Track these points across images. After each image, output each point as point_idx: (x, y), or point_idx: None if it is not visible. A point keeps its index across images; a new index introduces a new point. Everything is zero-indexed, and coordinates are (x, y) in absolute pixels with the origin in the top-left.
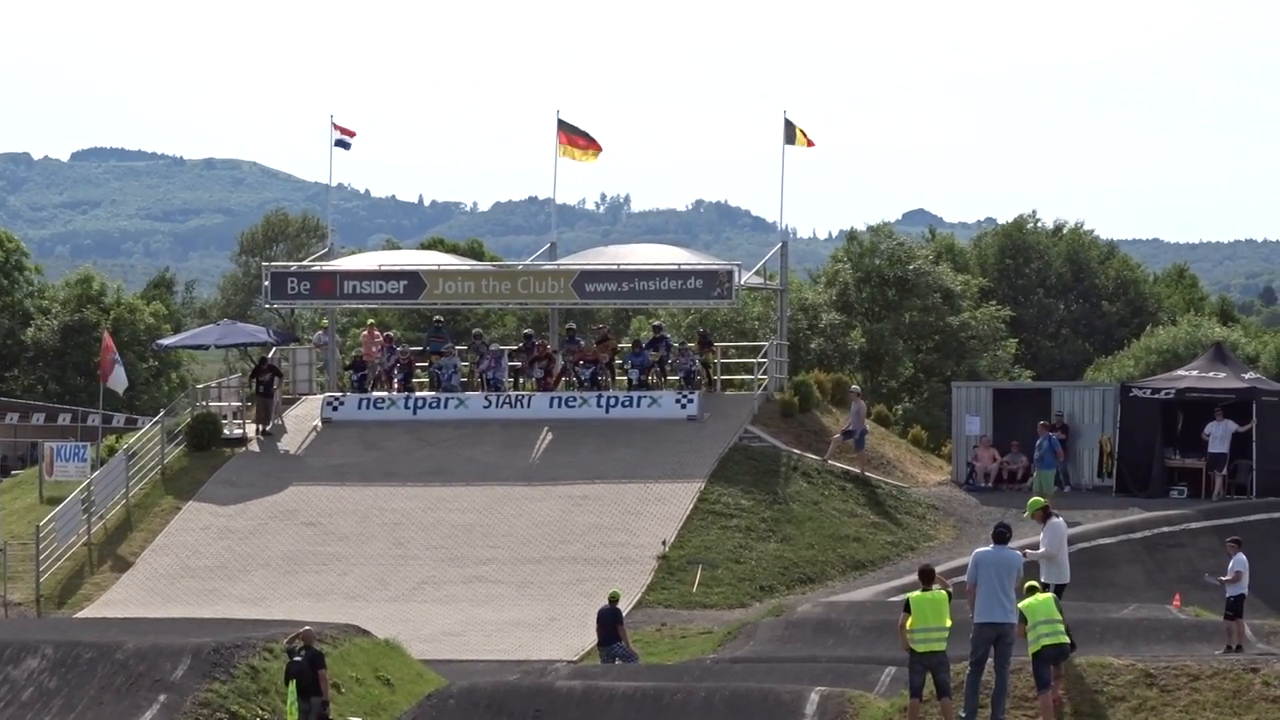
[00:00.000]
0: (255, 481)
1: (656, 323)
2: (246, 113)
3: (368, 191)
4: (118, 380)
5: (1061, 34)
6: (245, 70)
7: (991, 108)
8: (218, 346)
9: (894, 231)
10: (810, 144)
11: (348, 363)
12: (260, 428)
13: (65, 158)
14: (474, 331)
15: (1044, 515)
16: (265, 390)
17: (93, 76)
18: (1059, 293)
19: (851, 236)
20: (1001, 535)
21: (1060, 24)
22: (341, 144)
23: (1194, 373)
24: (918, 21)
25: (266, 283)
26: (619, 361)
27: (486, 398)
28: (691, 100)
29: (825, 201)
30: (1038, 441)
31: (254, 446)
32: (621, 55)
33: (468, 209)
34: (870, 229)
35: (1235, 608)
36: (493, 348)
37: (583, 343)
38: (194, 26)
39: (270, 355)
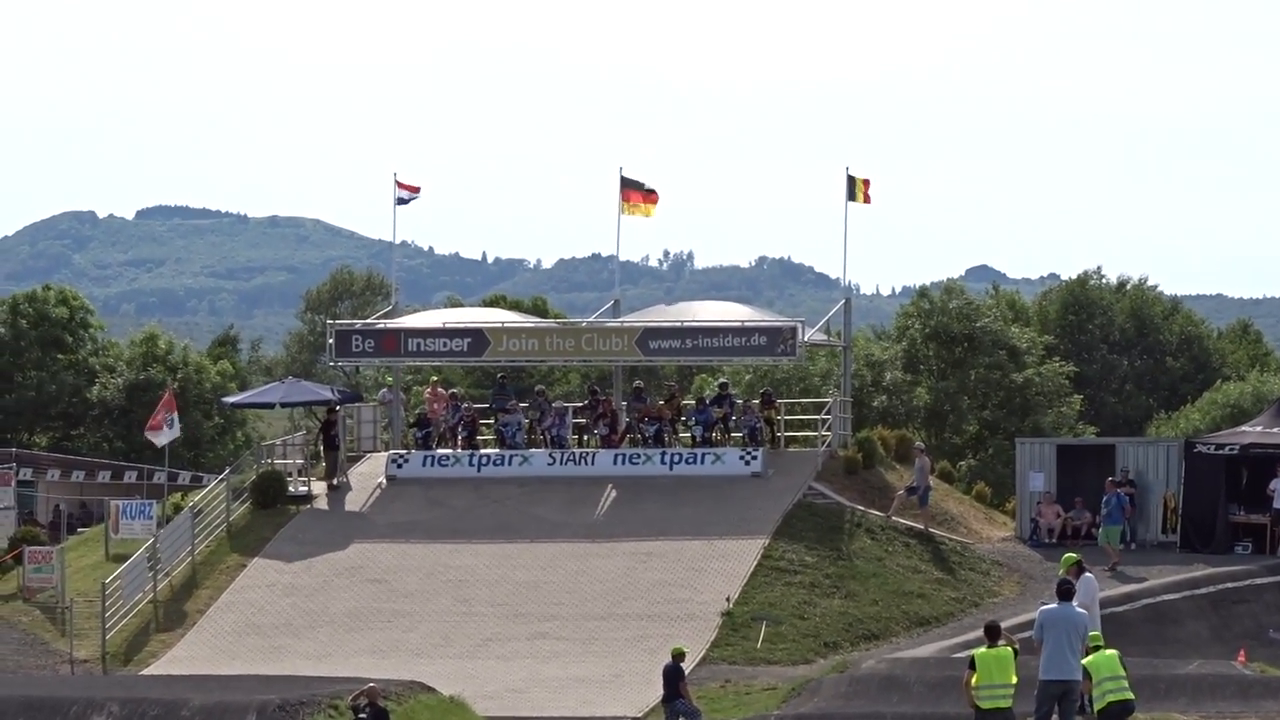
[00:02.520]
0: (320, 539)
1: (721, 379)
2: (310, 170)
3: (431, 249)
4: (163, 434)
5: (1124, 89)
6: (309, 127)
7: (1055, 163)
8: (283, 405)
9: (964, 289)
10: (868, 200)
11: (412, 420)
12: (327, 483)
13: (130, 215)
14: (537, 389)
15: (1078, 571)
16: (331, 443)
17: (158, 134)
18: (1123, 348)
19: (922, 293)
20: (1066, 592)
21: (1124, 79)
22: (402, 200)
23: (1258, 428)
24: (982, 76)
25: (331, 340)
26: (683, 418)
27: (551, 455)
28: (754, 156)
29: (888, 257)
30: (1105, 498)
31: (319, 504)
32: (684, 112)
33: (531, 266)
34: (941, 286)
35: None
36: (556, 405)
37: (648, 400)
38: (258, 83)
39: (336, 413)
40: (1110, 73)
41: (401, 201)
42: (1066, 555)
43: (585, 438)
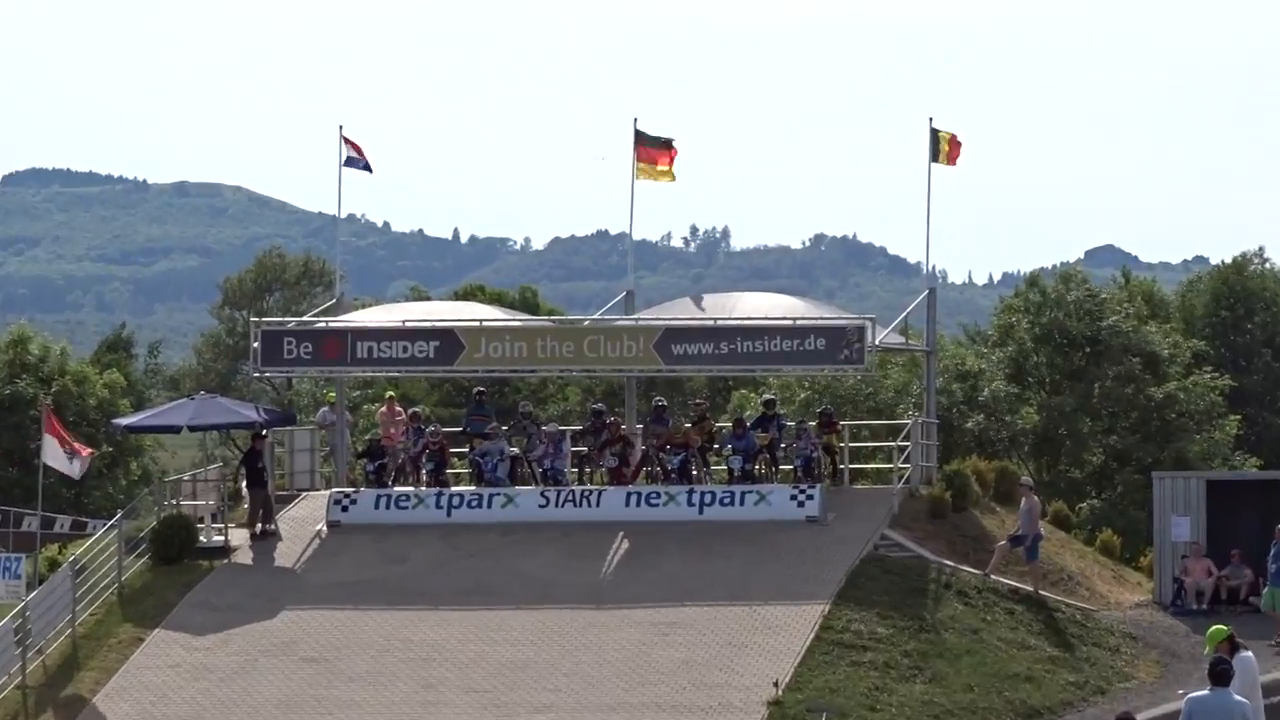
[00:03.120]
0: (241, 604)
1: (767, 395)
2: (230, 124)
3: (387, 225)
4: (76, 462)
5: None
6: (229, 70)
7: (1201, 118)
8: (192, 429)
9: (1086, 277)
10: (955, 161)
11: (361, 448)
12: (250, 531)
13: None
14: (523, 408)
15: (1232, 647)
16: (256, 479)
17: (32, 78)
18: None
19: (1031, 282)
20: (1222, 675)
21: None
22: (354, 163)
23: None
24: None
25: (256, 344)
26: (716, 446)
27: (543, 494)
28: (807, 107)
29: (984, 235)
30: (1273, 550)
31: (240, 558)
32: (715, 51)
33: (517, 247)
34: (1055, 273)
35: None
36: (550, 428)
37: (670, 422)
38: (161, 12)
39: (262, 439)
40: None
41: (350, 164)
42: (1215, 628)
43: (588, 471)
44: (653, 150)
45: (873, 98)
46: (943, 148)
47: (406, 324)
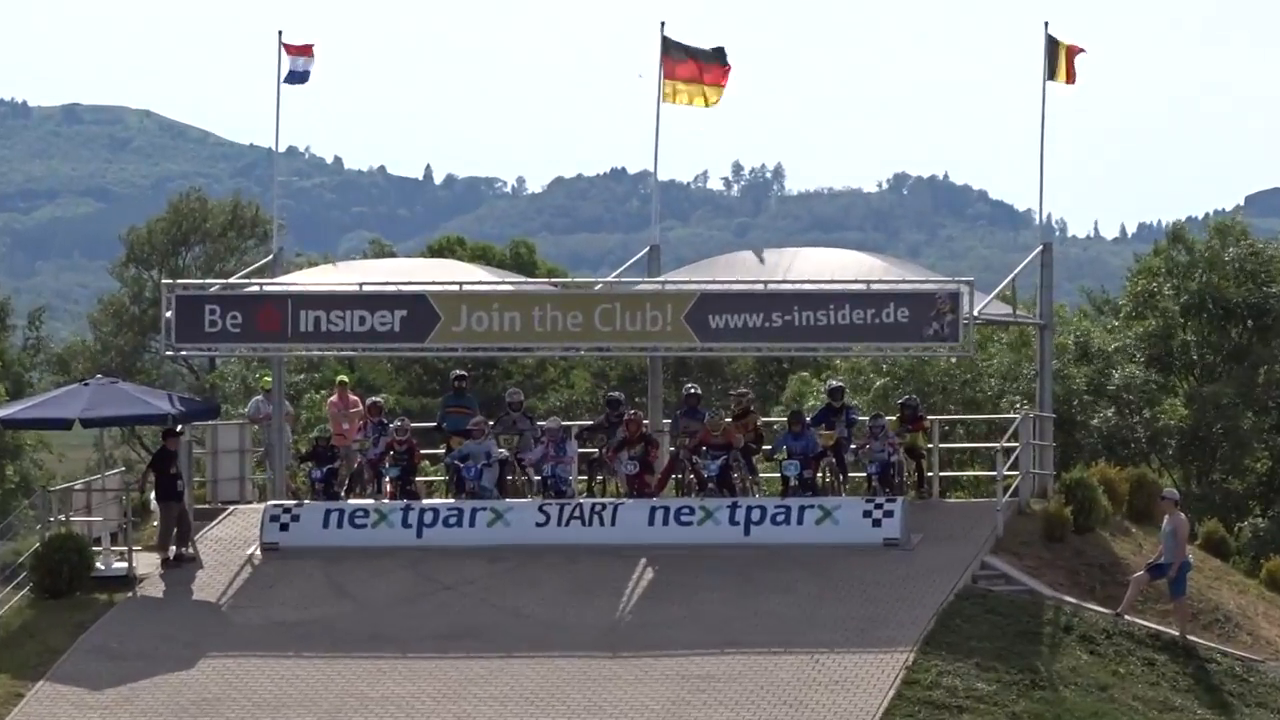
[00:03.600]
0: (150, 650)
1: (832, 382)
2: (135, 34)
3: (339, 162)
4: None
5: None
6: None
7: None
8: (86, 423)
9: (1246, 229)
10: (1073, 78)
11: (306, 450)
12: (162, 556)
13: None
14: (512, 396)
15: None
16: (169, 489)
17: None
18: None
19: (1174, 236)
20: None
21: None
22: (297, 78)
23: None
24: None
25: (170, 313)
26: (767, 447)
27: (542, 509)
28: (882, 15)
29: (1114, 177)
30: None
31: (148, 590)
32: None
33: (508, 189)
34: (1206, 225)
35: None
36: (550, 424)
37: (707, 416)
38: None
39: (177, 437)
40: None
41: (293, 78)
42: None
43: (600, 479)
44: (694, 65)
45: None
46: (1061, 62)
47: (364, 288)
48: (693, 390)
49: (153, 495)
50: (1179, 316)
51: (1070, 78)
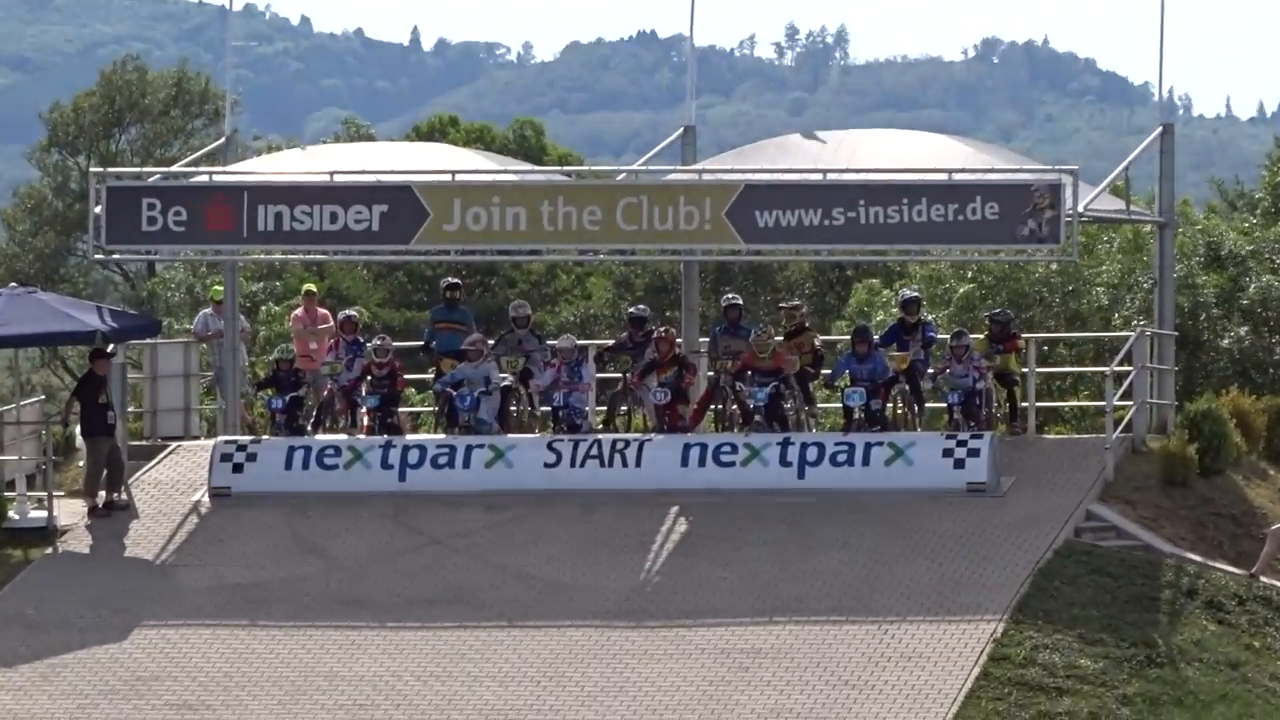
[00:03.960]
0: (74, 618)
1: (906, 292)
2: None
3: (307, 24)
4: None
5: None
6: None
7: None
8: None
9: None
10: None
11: (265, 375)
12: (89, 503)
13: None
14: (515, 310)
15: None
16: (97, 422)
17: None
18: None
19: None
20: None
21: None
22: None
23: None
24: None
25: (99, 208)
26: (825, 372)
27: (552, 446)
28: None
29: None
30: None
31: (73, 544)
32: None
33: (512, 58)
34: None
35: None
36: (563, 343)
37: (753, 335)
38: None
39: (108, 359)
40: None
41: None
42: None
43: (623, 411)
44: None
45: None
46: None
47: (336, 178)
48: (736, 302)
49: (78, 429)
50: None
51: None
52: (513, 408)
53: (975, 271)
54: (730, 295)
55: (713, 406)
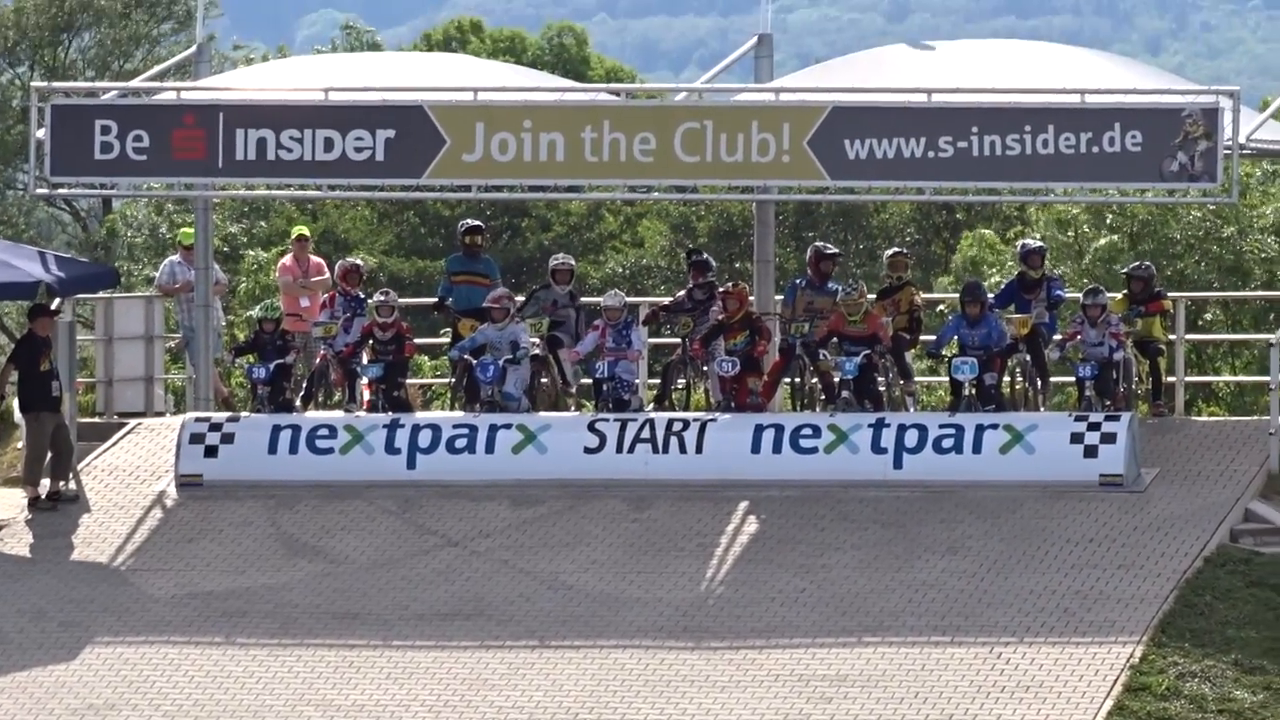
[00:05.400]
0: (12, 633)
1: (1028, 241)
2: None
3: None
4: None
5: None
6: None
7: None
8: None
9: None
10: None
11: (246, 337)
12: (30, 493)
13: None
14: (556, 263)
15: None
16: (39, 398)
17: None
18: None
19: None
20: None
21: None
22: None
23: None
24: None
25: (43, 132)
26: (928, 338)
27: (594, 428)
28: None
29: None
30: None
31: (11, 542)
32: None
33: None
34: None
35: None
36: (612, 300)
37: (841, 292)
38: None
39: (53, 316)
40: None
41: None
42: None
43: (680, 384)
44: None
45: None
46: None
47: (332, 96)
48: (828, 250)
49: (15, 404)
50: None
51: None
52: (545, 379)
53: (1113, 215)
54: (818, 243)
55: (790, 380)
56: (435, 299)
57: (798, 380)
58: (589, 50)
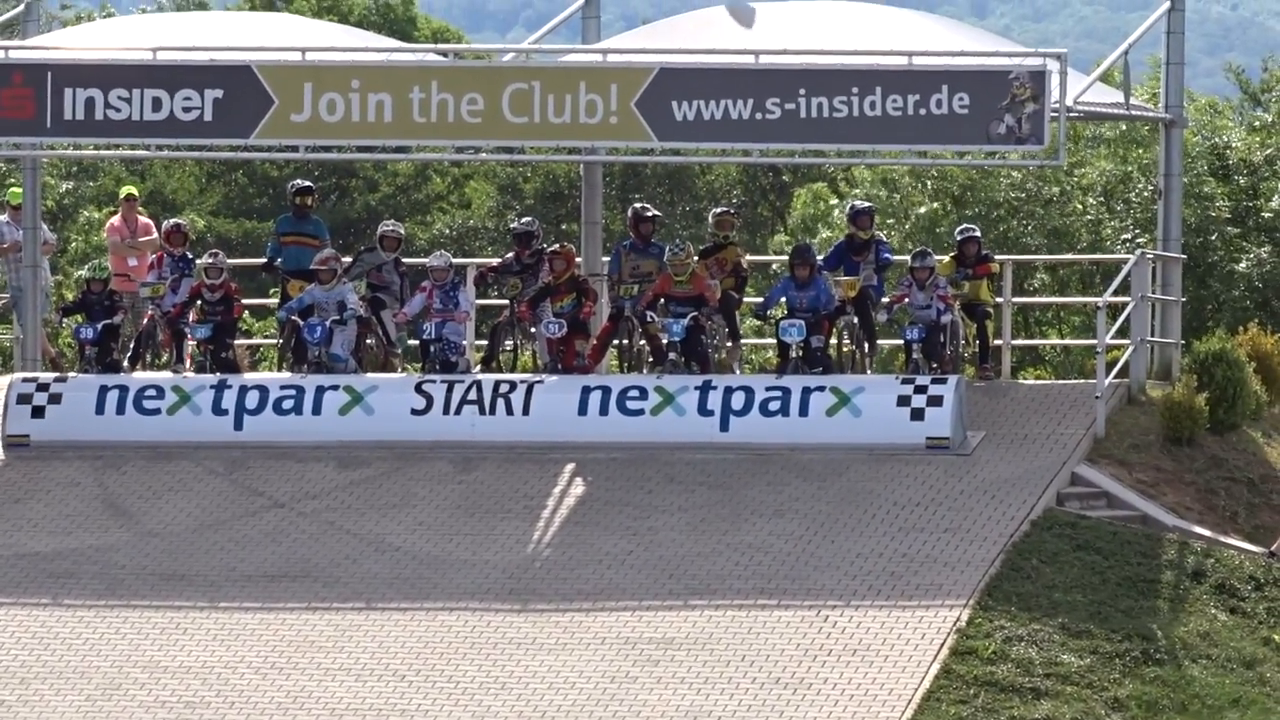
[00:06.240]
0: None
1: (856, 203)
2: None
3: None
4: None
5: None
6: None
7: None
8: None
9: None
10: None
11: (73, 297)
12: None
13: None
14: (387, 228)
15: None
16: None
17: None
18: None
19: None
20: None
21: None
22: None
23: None
24: None
25: None
26: (755, 300)
27: (421, 389)
28: None
29: None
30: None
31: None
32: None
33: None
34: None
35: None
36: (437, 261)
37: (668, 252)
38: None
39: None
40: None
41: None
42: None
43: (508, 346)
44: None
45: None
46: None
47: (160, 55)
48: (647, 213)
49: None
50: None
51: None
52: (371, 340)
53: (937, 178)
54: (641, 204)
55: (617, 342)
56: (264, 260)
57: (625, 342)
58: (415, 10)
